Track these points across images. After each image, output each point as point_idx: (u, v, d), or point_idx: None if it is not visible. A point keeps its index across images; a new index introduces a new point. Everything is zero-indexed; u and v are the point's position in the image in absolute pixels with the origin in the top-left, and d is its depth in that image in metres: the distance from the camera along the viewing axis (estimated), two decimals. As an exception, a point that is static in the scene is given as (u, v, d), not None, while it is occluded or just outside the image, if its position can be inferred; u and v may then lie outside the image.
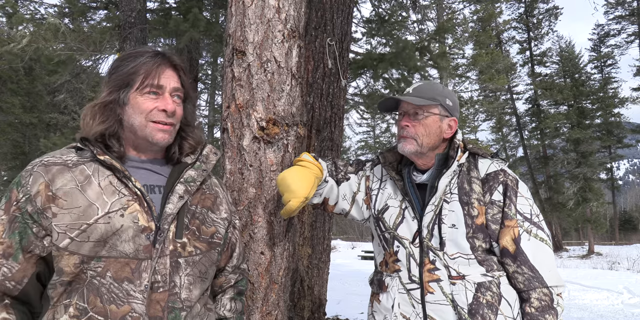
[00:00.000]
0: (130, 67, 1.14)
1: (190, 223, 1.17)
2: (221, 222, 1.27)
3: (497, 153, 1.66)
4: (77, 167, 1.10)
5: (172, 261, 1.11)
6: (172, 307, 1.09)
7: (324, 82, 3.66)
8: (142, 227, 1.08)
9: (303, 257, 3.63)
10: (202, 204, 1.23)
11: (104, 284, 1.03)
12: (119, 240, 1.05)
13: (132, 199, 1.09)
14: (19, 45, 6.12)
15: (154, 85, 1.15)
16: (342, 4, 3.77)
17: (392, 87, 7.59)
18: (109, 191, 1.08)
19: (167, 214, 1.12)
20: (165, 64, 1.18)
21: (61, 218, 1.03)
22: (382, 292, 1.59)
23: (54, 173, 1.08)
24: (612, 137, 25.65)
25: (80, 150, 1.15)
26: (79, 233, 1.03)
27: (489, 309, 1.44)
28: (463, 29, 16.59)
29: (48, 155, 1.13)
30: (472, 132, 22.87)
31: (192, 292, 1.14)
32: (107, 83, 1.17)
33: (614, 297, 8.33)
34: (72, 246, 1.02)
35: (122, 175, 1.11)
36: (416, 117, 1.55)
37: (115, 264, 1.04)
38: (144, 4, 6.97)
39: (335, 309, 6.70)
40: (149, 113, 1.14)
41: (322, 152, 3.64)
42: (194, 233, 1.18)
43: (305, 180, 1.45)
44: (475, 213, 1.50)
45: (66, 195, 1.05)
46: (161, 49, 1.22)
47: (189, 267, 1.14)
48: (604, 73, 28.60)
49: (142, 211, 1.09)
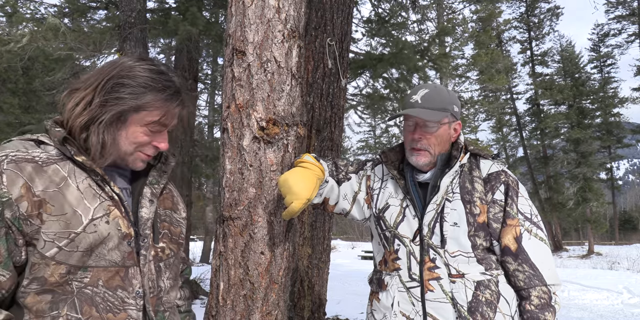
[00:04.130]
0: (147, 99, 1.06)
1: (160, 226, 1.16)
2: (183, 222, 1.28)
3: (497, 154, 1.68)
4: (49, 166, 1.00)
5: (156, 266, 1.12)
6: (157, 310, 1.11)
7: (324, 82, 3.66)
8: (124, 233, 1.05)
9: (303, 257, 3.64)
10: (164, 205, 1.22)
11: (97, 293, 1.00)
12: (105, 248, 1.01)
13: (111, 204, 1.05)
14: (18, 44, 6.12)
15: (162, 124, 1.11)
16: (342, 4, 3.77)
17: (391, 87, 7.59)
18: (89, 195, 1.02)
19: (144, 219, 1.11)
20: (180, 105, 1.13)
21: (50, 226, 0.96)
22: (382, 290, 1.59)
23: (30, 172, 0.97)
24: (612, 137, 25.67)
25: (42, 144, 1.04)
26: (68, 242, 0.97)
27: (488, 307, 1.46)
28: (463, 29, 16.58)
29: (8, 148, 0.99)
30: (472, 132, 22.86)
31: (170, 294, 1.17)
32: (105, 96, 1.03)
33: (614, 297, 8.34)
34: (60, 256, 0.96)
35: (99, 179, 1.04)
36: (428, 129, 1.55)
37: (106, 273, 1.01)
38: (144, 4, 6.97)
39: (335, 309, 6.70)
40: (141, 146, 1.10)
41: (322, 152, 3.64)
42: (167, 235, 1.18)
43: (307, 181, 1.46)
44: (477, 211, 1.52)
45: (52, 199, 0.97)
46: (174, 78, 1.12)
47: (168, 271, 1.16)
48: (604, 73, 28.62)
49: (121, 217, 1.05)
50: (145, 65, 1.09)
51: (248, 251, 1.56)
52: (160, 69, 1.11)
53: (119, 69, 1.07)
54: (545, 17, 27.18)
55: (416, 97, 1.57)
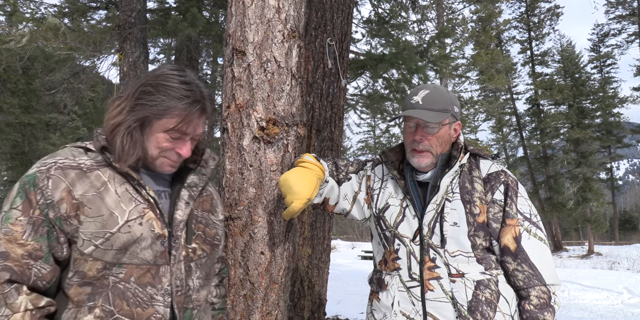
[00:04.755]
0: (167, 106, 1.12)
1: (195, 228, 1.23)
2: (219, 224, 1.33)
3: (497, 155, 1.68)
4: (92, 172, 1.12)
5: (186, 266, 1.18)
6: (185, 307, 1.17)
7: (324, 82, 3.66)
8: (158, 234, 1.13)
9: (303, 257, 3.63)
10: (202, 207, 1.29)
11: (129, 289, 1.09)
12: (138, 247, 1.10)
13: (146, 207, 1.13)
14: (18, 44, 6.12)
15: (182, 132, 1.16)
16: (342, 4, 3.77)
17: (391, 88, 7.59)
18: (126, 199, 1.12)
19: (178, 221, 1.18)
20: (200, 113, 1.17)
21: (87, 226, 1.06)
22: (382, 290, 1.59)
23: (73, 178, 1.09)
24: (612, 137, 25.65)
25: (89, 151, 1.16)
26: (104, 241, 1.07)
27: (487, 306, 1.46)
28: (463, 29, 16.59)
29: (59, 155, 1.13)
30: (472, 132, 22.86)
31: (200, 293, 1.22)
32: (134, 103, 1.13)
33: (614, 297, 8.34)
34: (97, 253, 1.07)
35: (136, 183, 1.14)
36: (430, 130, 1.55)
37: (138, 270, 1.10)
38: (144, 4, 6.97)
39: (335, 309, 6.70)
40: (165, 151, 1.17)
41: (322, 152, 3.64)
42: (200, 237, 1.24)
43: (307, 181, 1.46)
44: (477, 211, 1.52)
45: (90, 202, 1.08)
46: (200, 88, 1.17)
47: (199, 270, 1.22)
48: (604, 73, 28.62)
49: (156, 219, 1.14)
50: (171, 75, 1.16)
51: (248, 251, 1.56)
52: (185, 79, 1.16)
53: (149, 77, 1.17)
54: (545, 17, 27.16)
55: (417, 98, 1.56)
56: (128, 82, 6.67)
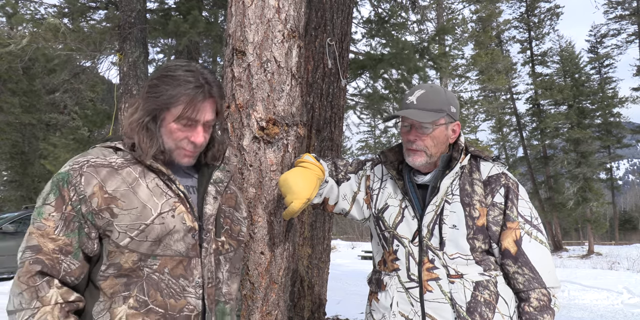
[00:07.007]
0: (171, 95, 1.15)
1: (223, 222, 1.27)
2: (243, 221, 1.36)
3: (498, 156, 1.67)
4: (124, 169, 1.15)
5: (216, 259, 1.21)
6: (217, 300, 1.20)
7: (324, 82, 3.66)
8: (189, 227, 1.16)
9: (303, 257, 3.64)
10: (228, 203, 1.32)
11: (162, 280, 1.11)
12: (171, 239, 1.13)
13: (177, 201, 1.16)
14: (19, 45, 6.12)
15: (190, 118, 1.17)
16: (342, 4, 3.77)
17: (391, 88, 7.59)
18: (157, 193, 1.15)
19: (208, 215, 1.21)
20: (206, 97, 1.18)
21: (122, 218, 1.09)
22: (381, 290, 1.59)
23: (105, 175, 1.12)
24: (612, 137, 25.65)
25: (118, 150, 1.20)
26: (139, 233, 1.10)
27: (486, 307, 1.46)
28: (463, 29, 16.60)
29: (90, 154, 1.17)
30: (472, 132, 22.87)
31: (230, 287, 1.26)
32: (144, 98, 1.18)
33: (614, 297, 8.34)
34: (132, 245, 1.09)
35: (166, 178, 1.17)
36: (424, 131, 1.53)
37: (171, 262, 1.13)
38: (144, 4, 6.97)
39: (335, 309, 6.70)
40: (179, 141, 1.19)
41: (322, 152, 3.64)
42: (228, 231, 1.28)
43: (307, 181, 1.46)
44: (476, 214, 1.51)
45: (123, 196, 1.11)
46: (204, 74, 1.19)
47: (228, 264, 1.26)
48: (602, 74, 28.61)
49: (186, 212, 1.17)
50: (174, 66, 1.19)
51: (248, 251, 1.56)
52: (188, 68, 1.19)
53: (154, 73, 1.21)
54: (545, 17, 27.16)
55: (412, 98, 1.55)
56: (128, 82, 6.68)
